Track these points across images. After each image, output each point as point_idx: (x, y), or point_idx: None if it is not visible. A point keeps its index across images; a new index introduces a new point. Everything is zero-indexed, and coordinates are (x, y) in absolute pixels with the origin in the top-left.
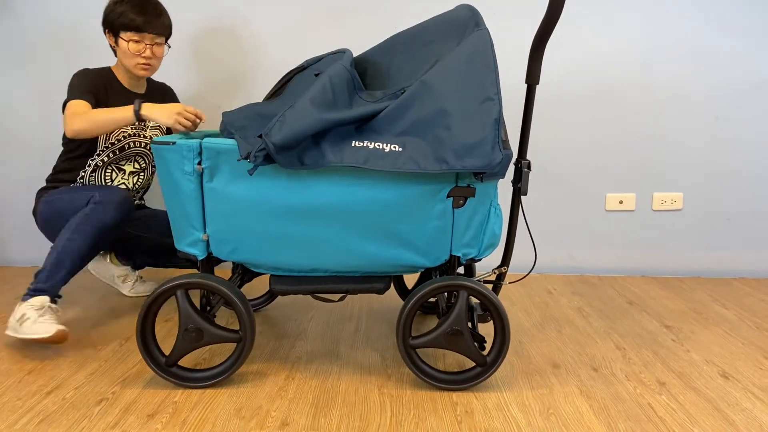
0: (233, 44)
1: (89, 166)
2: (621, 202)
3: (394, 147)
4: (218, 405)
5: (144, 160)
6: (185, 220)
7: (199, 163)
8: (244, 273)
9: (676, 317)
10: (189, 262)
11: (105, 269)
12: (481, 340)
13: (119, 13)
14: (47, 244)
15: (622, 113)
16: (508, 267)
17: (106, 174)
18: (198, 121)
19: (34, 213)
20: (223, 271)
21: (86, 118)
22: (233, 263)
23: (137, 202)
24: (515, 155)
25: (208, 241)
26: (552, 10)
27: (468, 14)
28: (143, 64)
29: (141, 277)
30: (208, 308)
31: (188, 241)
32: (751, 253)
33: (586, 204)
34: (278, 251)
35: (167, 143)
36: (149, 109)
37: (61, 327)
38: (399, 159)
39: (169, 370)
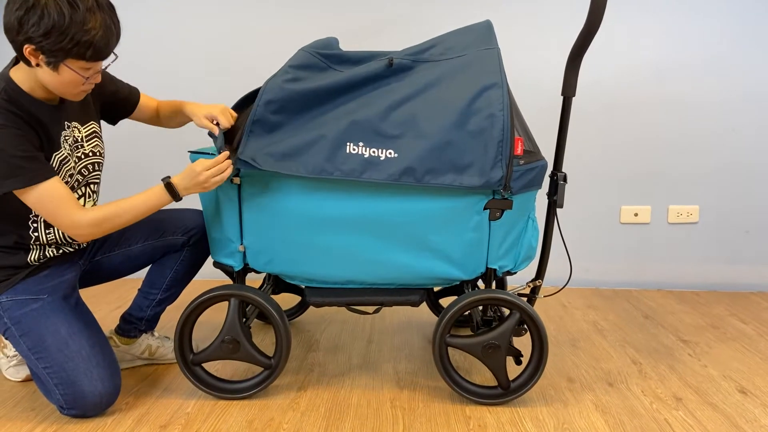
0: (255, 60)
1: (34, 230)
2: (636, 214)
3: (390, 153)
4: (230, 416)
5: (96, 184)
6: (222, 231)
7: (237, 175)
8: (275, 285)
9: (693, 331)
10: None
11: (123, 356)
12: (518, 354)
13: (78, 40)
14: None
15: (637, 125)
16: (542, 280)
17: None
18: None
19: None
20: (254, 282)
21: (109, 224)
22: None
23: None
24: (550, 167)
25: (244, 252)
26: (591, 22)
27: (485, 30)
28: (86, 90)
29: (154, 334)
30: (244, 319)
31: (225, 252)
32: None
33: (601, 216)
34: (314, 263)
35: (205, 153)
36: (186, 188)
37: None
38: (395, 168)
39: (192, 368)
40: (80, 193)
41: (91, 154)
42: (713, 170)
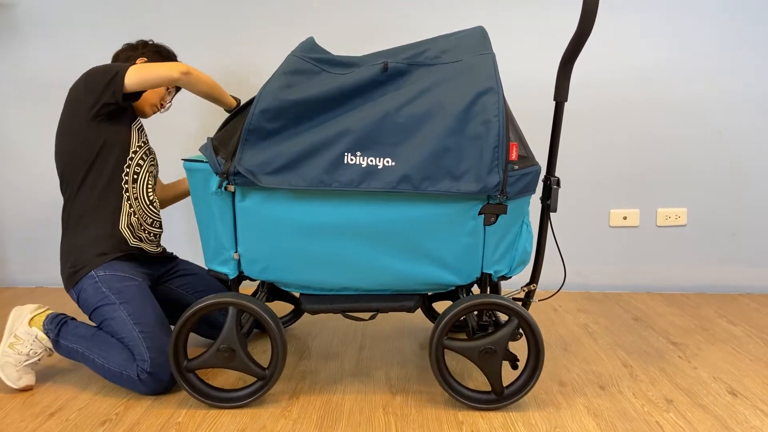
0: (249, 78)
1: (125, 182)
2: (625, 218)
3: (387, 161)
4: (222, 425)
5: (154, 176)
6: (217, 238)
7: (230, 183)
8: (269, 292)
9: (683, 334)
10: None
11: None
12: (514, 359)
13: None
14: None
15: (625, 128)
16: (537, 284)
17: (148, 185)
18: None
19: (70, 281)
20: (247, 290)
21: (194, 76)
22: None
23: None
24: (543, 172)
25: (239, 260)
26: (582, 27)
27: (479, 35)
28: (158, 110)
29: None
30: (240, 328)
31: (220, 260)
32: (758, 269)
33: (590, 220)
34: (309, 270)
35: (199, 161)
36: None
37: (30, 383)
38: (393, 176)
39: (185, 374)
40: (143, 169)
41: (149, 152)
42: (700, 173)
